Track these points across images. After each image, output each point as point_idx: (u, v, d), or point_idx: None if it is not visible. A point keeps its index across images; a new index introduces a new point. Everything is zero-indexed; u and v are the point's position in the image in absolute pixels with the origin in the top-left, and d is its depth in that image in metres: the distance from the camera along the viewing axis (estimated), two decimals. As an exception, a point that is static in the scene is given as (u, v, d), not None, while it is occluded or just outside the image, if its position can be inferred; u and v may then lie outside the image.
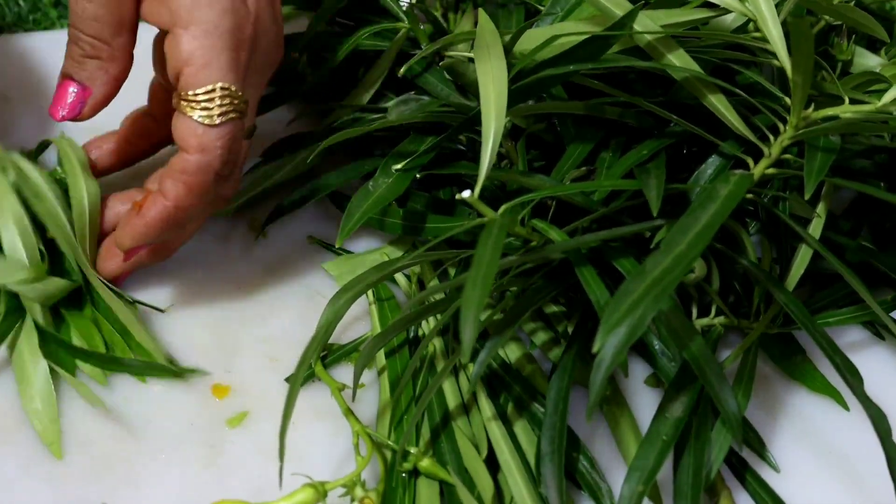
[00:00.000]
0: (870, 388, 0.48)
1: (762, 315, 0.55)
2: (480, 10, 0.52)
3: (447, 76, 0.59)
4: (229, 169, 0.52)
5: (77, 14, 0.51)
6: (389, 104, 0.56)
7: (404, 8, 0.60)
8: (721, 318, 0.56)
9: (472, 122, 0.51)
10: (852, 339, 0.60)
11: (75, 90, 0.52)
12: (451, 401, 0.53)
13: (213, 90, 0.50)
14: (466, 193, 0.44)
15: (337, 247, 0.52)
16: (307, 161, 0.58)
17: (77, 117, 0.53)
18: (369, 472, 0.51)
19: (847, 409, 0.56)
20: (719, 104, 0.50)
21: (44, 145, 0.63)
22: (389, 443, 0.51)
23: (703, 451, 0.49)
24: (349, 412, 0.52)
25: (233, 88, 0.50)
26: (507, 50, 0.54)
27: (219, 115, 0.50)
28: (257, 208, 0.63)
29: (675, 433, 0.48)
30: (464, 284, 0.39)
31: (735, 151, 0.52)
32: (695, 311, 0.56)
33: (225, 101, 0.50)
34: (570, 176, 0.54)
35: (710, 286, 0.54)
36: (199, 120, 0.50)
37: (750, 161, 0.51)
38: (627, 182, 0.51)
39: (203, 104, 0.50)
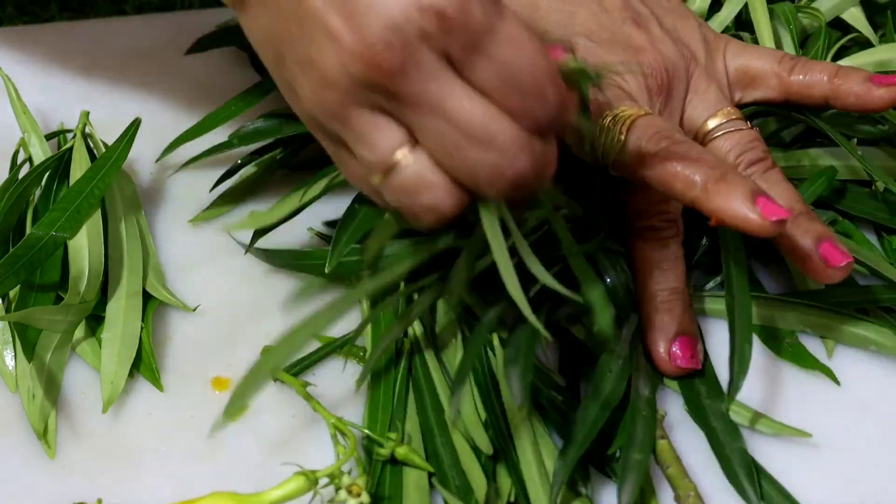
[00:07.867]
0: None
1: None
2: None
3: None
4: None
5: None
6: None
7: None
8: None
9: None
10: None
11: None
12: (443, 395, 0.53)
13: None
14: None
15: (327, 272, 0.52)
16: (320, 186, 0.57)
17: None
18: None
19: (838, 383, 0.54)
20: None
21: None
22: (366, 431, 0.51)
23: None
24: (319, 406, 0.51)
25: None
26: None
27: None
28: (259, 201, 0.63)
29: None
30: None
31: None
32: None
33: None
34: None
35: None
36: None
37: None
38: None
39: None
